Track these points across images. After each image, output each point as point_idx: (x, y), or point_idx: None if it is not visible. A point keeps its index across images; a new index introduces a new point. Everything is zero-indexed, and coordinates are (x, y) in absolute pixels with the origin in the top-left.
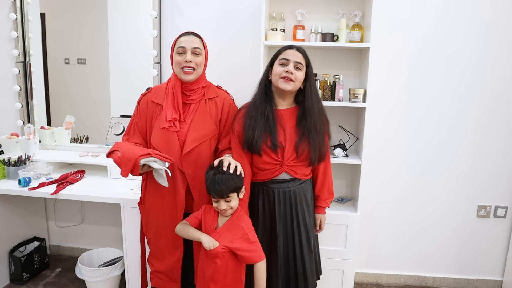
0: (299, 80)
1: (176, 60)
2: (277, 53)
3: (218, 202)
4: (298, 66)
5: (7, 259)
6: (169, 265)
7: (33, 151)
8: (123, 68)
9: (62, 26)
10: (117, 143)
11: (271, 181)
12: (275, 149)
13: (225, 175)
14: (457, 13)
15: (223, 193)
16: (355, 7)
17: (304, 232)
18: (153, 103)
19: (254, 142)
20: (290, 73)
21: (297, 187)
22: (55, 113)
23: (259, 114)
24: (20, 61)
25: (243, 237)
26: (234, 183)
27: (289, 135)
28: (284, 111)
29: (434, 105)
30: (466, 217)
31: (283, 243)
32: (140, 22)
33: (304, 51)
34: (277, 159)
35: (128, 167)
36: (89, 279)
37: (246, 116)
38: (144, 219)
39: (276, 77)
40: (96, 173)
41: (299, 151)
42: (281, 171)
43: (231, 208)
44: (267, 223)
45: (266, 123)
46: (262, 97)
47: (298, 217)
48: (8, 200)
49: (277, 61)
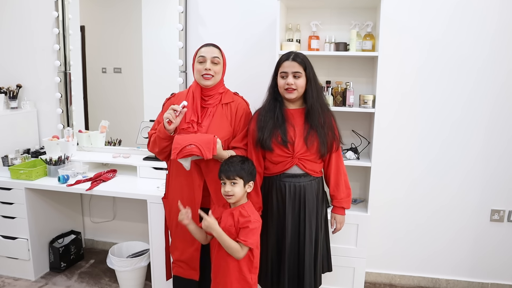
0: (301, 86)
1: (197, 68)
2: (278, 63)
3: (225, 184)
4: (296, 75)
5: (47, 249)
6: (189, 254)
7: (71, 152)
8: (154, 76)
9: (100, 38)
10: (176, 140)
11: (284, 175)
12: (285, 144)
13: (236, 162)
14: (465, 19)
15: (229, 174)
16: (367, 17)
17: (308, 227)
18: None
19: (264, 141)
20: (291, 85)
21: (307, 183)
22: (92, 118)
23: (269, 116)
24: (61, 71)
25: (245, 224)
26: (243, 171)
27: (299, 131)
28: (294, 111)
29: (444, 109)
30: (479, 221)
31: (291, 234)
32: (168, 35)
33: (300, 57)
34: (288, 152)
35: (210, 148)
36: (118, 268)
37: (258, 118)
38: (167, 212)
39: (281, 89)
40: (127, 173)
41: (308, 143)
42: (292, 164)
43: (234, 195)
44: (280, 214)
45: (276, 123)
46: (271, 102)
47: (305, 211)
48: (49, 196)
49: (278, 73)
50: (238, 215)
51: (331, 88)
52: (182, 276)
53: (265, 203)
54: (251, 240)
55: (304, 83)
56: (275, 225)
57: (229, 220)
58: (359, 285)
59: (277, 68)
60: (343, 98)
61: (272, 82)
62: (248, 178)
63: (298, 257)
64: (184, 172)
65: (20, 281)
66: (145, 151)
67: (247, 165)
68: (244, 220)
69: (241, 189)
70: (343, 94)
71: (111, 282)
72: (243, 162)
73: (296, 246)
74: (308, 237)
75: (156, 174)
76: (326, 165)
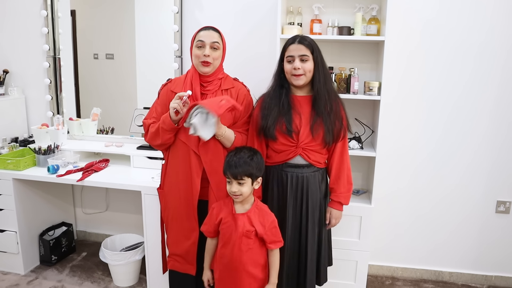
0: (309, 70)
1: (195, 53)
2: (283, 48)
3: (231, 183)
4: (303, 59)
5: (38, 241)
6: (185, 248)
7: (61, 141)
8: (148, 62)
9: (91, 23)
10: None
11: (286, 165)
12: (289, 133)
13: (243, 158)
14: (474, 2)
15: (237, 174)
16: (372, 0)
17: (311, 221)
18: (172, 92)
19: (267, 129)
20: (298, 69)
21: (310, 174)
22: (83, 105)
23: (274, 103)
24: (50, 55)
25: (273, 224)
26: (251, 168)
27: (305, 119)
28: (301, 98)
29: (450, 98)
30: (484, 212)
31: (292, 226)
32: (163, 18)
33: (307, 40)
34: (292, 142)
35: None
36: (112, 262)
37: (262, 105)
38: (163, 204)
39: (288, 75)
40: (120, 162)
41: (314, 132)
42: (295, 153)
43: (241, 195)
44: (280, 206)
45: (281, 111)
46: (277, 88)
47: (308, 204)
48: (38, 186)
49: (285, 58)
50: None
51: (334, 74)
52: (178, 271)
53: (264, 194)
54: (280, 237)
55: (312, 67)
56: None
57: (247, 225)
58: (362, 279)
59: (282, 53)
60: (347, 84)
61: (278, 68)
62: (257, 175)
63: (299, 253)
64: (182, 161)
65: (9, 276)
66: (138, 139)
67: (256, 160)
68: (269, 222)
69: (249, 188)
70: (347, 81)
71: (104, 275)
72: (252, 157)
73: (297, 240)
74: (311, 232)
75: (150, 163)
76: (329, 155)
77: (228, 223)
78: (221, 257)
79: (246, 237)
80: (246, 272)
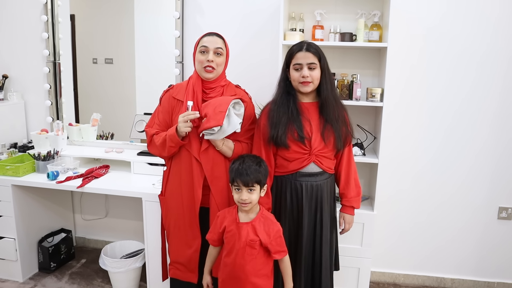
0: (316, 78)
1: (198, 59)
2: (289, 54)
3: (241, 192)
4: (311, 67)
5: (36, 248)
6: (187, 256)
7: (61, 147)
8: (148, 67)
9: (90, 27)
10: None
11: (299, 174)
12: (302, 140)
13: (252, 166)
14: (477, 10)
15: (248, 181)
16: (374, 7)
17: (325, 228)
18: (174, 99)
19: (278, 138)
20: (306, 77)
21: (324, 182)
22: (83, 111)
23: (282, 111)
24: (50, 60)
25: (278, 234)
26: (261, 175)
27: (315, 126)
28: (308, 104)
29: (452, 104)
30: (486, 218)
31: (306, 237)
32: (163, 23)
33: (314, 47)
34: (305, 149)
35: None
36: (111, 269)
37: (269, 114)
38: (164, 211)
39: (295, 83)
40: (120, 168)
41: (326, 139)
42: (309, 161)
43: (250, 202)
44: (294, 215)
45: (290, 118)
46: (284, 96)
47: (322, 212)
48: (37, 193)
49: (291, 66)
50: (265, 228)
51: (336, 80)
52: (179, 279)
53: (278, 205)
54: (285, 247)
55: (319, 74)
56: (290, 227)
57: (251, 234)
58: (364, 286)
59: (288, 60)
60: (349, 91)
61: (282, 75)
62: (264, 182)
63: (313, 259)
64: (184, 168)
65: (7, 283)
66: (139, 145)
67: (264, 167)
68: (275, 231)
69: (258, 195)
70: (349, 87)
71: (103, 283)
72: (259, 164)
73: (311, 248)
74: (325, 238)
75: (151, 170)
76: (337, 162)
77: (232, 232)
78: (224, 265)
79: (250, 247)
80: (249, 282)
